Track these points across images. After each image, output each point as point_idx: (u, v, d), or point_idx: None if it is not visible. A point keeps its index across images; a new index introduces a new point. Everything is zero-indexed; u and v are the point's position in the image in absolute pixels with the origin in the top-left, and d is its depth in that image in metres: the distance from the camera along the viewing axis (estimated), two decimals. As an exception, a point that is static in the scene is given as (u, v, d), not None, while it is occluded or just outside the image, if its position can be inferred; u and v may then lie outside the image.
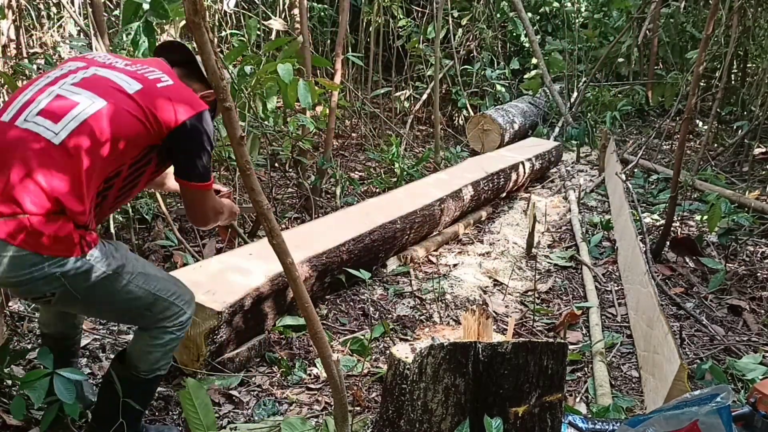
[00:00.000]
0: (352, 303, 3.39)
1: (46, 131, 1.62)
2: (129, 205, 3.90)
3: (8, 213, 1.57)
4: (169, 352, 2.01)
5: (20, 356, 2.30)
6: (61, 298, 1.71)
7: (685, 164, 5.53)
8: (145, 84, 1.78)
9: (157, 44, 2.13)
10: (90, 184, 1.67)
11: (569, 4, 9.46)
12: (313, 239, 3.28)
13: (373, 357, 2.88)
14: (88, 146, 1.63)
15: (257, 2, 6.30)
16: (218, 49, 5.86)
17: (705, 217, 3.97)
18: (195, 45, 1.50)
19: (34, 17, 5.02)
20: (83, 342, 2.65)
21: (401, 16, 7.47)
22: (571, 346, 3.04)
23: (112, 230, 3.29)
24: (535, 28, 9.15)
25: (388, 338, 3.05)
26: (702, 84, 7.76)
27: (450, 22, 7.92)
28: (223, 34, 6.25)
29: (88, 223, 1.69)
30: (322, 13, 7.68)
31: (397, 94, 7.60)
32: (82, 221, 1.66)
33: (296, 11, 5.76)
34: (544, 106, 8.40)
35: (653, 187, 5.83)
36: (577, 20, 9.35)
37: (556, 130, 7.81)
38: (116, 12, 5.36)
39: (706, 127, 7.14)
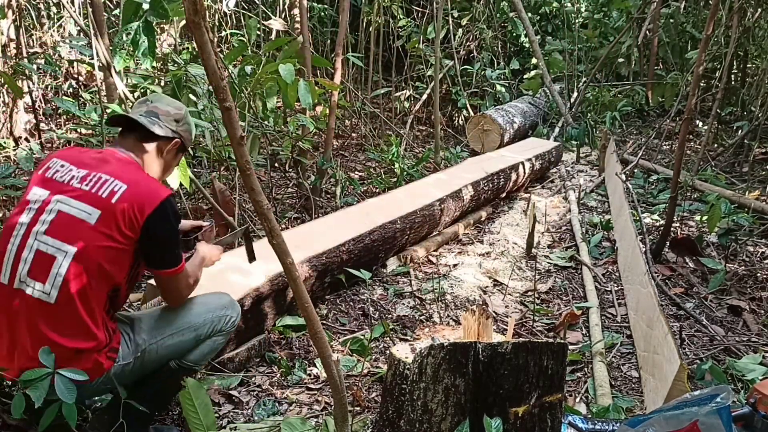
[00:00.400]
0: (352, 303, 3.39)
1: (42, 294, 1.79)
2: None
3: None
4: (218, 347, 2.20)
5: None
6: (121, 384, 1.95)
7: (685, 164, 5.53)
8: (102, 207, 1.83)
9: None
10: (94, 318, 1.83)
11: (569, 5, 9.46)
12: (313, 239, 3.28)
13: (373, 357, 2.88)
14: (78, 294, 1.79)
15: (257, 2, 6.30)
16: (218, 49, 5.86)
17: (705, 217, 3.97)
18: (195, 45, 1.50)
19: (34, 17, 5.02)
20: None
21: (401, 16, 7.47)
22: (571, 347, 3.04)
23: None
24: (535, 28, 9.15)
25: (388, 338, 3.05)
26: (702, 84, 7.76)
27: (450, 22, 7.92)
28: (223, 34, 6.25)
29: (105, 341, 1.86)
30: (322, 13, 7.68)
31: (397, 94, 7.60)
32: (101, 346, 1.85)
33: (296, 11, 5.76)
34: (544, 107, 8.40)
35: (653, 187, 5.83)
36: (577, 20, 9.35)
37: (556, 130, 7.81)
38: (116, 12, 5.36)
39: (706, 127, 7.14)
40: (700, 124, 8.06)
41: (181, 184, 3.03)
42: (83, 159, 1.94)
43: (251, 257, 2.46)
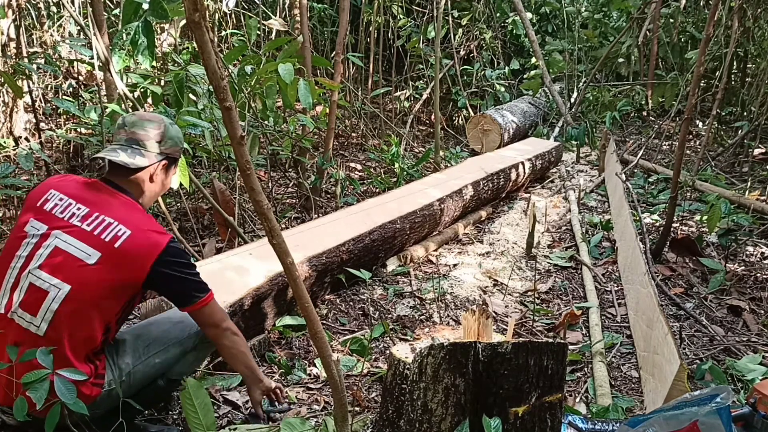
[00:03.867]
0: (352, 303, 3.39)
1: (31, 325, 1.81)
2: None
3: None
4: (203, 357, 2.28)
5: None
6: (109, 409, 1.96)
7: (685, 164, 5.53)
8: (104, 250, 1.83)
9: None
10: (77, 354, 1.84)
11: (569, 5, 9.46)
12: (313, 239, 3.27)
13: (373, 357, 2.88)
14: (66, 330, 1.81)
15: (257, 2, 6.30)
16: (218, 49, 5.86)
17: (705, 217, 3.97)
18: (195, 44, 1.50)
19: (34, 17, 5.02)
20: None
21: (401, 16, 7.47)
22: (570, 347, 3.04)
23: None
24: (535, 28, 9.15)
25: (388, 338, 3.05)
26: (702, 84, 7.75)
27: (450, 22, 7.92)
28: (223, 33, 6.25)
29: (90, 374, 1.86)
30: (322, 13, 7.68)
31: (397, 93, 7.60)
32: (88, 375, 1.85)
33: (296, 11, 5.76)
34: (544, 107, 8.40)
35: (653, 187, 5.83)
36: (577, 20, 9.35)
37: (556, 130, 7.81)
38: (116, 11, 5.36)
39: (706, 127, 7.14)
40: (700, 124, 8.06)
41: (180, 184, 3.03)
42: (83, 195, 1.93)
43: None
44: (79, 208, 1.89)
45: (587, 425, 2.17)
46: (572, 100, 8.35)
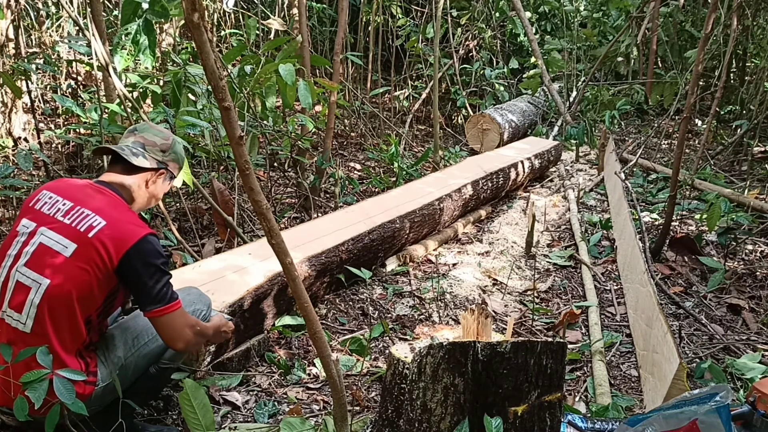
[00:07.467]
0: (351, 302, 3.39)
1: (18, 323, 1.83)
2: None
3: None
4: None
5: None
6: (103, 405, 1.98)
7: (684, 163, 5.53)
8: (79, 241, 1.84)
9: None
10: (66, 348, 1.84)
11: (568, 4, 9.46)
12: (312, 239, 3.28)
13: (373, 357, 2.88)
14: (51, 324, 1.82)
15: (256, 2, 6.30)
16: (217, 49, 5.86)
17: (704, 216, 3.98)
18: (194, 44, 1.50)
19: (33, 17, 5.02)
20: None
21: (400, 16, 7.47)
22: (570, 346, 3.04)
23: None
24: (534, 27, 9.14)
25: (388, 338, 3.05)
26: (701, 83, 7.76)
27: (449, 21, 7.92)
28: (222, 33, 6.25)
29: (83, 370, 1.86)
30: (321, 13, 7.68)
31: (397, 93, 7.60)
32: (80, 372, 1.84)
33: (295, 11, 5.75)
34: (543, 106, 8.40)
35: (652, 186, 5.83)
36: (576, 19, 9.35)
37: (555, 129, 7.81)
38: (115, 12, 5.36)
39: (705, 126, 7.14)
40: (699, 122, 8.06)
41: (183, 182, 3.03)
42: (72, 192, 1.95)
43: None
44: (64, 204, 1.91)
45: (587, 424, 2.17)
46: (571, 99, 8.35)
